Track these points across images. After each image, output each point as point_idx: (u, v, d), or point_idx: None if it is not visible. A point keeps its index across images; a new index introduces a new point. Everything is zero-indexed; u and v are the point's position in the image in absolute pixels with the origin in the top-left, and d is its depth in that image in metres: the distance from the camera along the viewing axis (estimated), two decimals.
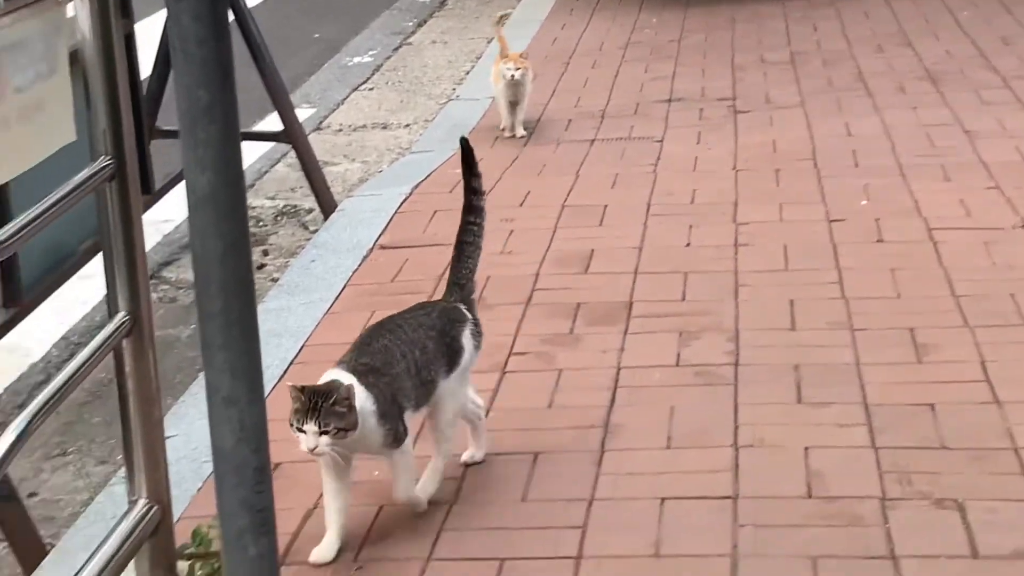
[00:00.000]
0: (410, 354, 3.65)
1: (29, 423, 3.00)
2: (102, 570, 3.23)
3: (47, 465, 4.92)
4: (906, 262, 5.29)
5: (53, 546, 3.95)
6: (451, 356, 3.77)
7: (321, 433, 3.41)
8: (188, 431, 4.39)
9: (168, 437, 3.54)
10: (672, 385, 4.43)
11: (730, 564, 3.43)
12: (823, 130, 7.16)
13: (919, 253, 5.38)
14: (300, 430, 3.42)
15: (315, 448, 3.42)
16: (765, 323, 4.81)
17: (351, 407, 3.42)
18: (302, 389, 3.43)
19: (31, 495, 4.63)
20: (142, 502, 3.42)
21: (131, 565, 3.43)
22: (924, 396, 4.23)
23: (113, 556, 3.27)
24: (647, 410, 4.28)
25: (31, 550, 3.97)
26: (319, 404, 3.40)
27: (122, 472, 3.85)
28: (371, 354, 3.63)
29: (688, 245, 5.63)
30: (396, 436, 3.59)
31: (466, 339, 3.84)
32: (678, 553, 3.49)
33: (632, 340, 4.76)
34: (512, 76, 7.11)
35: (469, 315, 3.89)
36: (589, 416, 4.26)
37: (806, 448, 3.98)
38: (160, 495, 3.45)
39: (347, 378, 3.47)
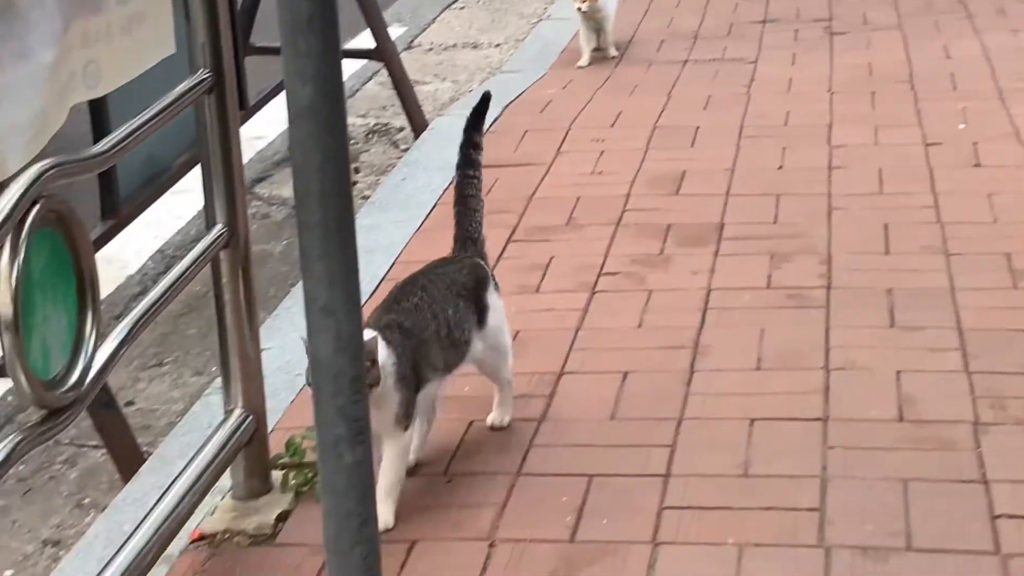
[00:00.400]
0: (442, 314, 3.49)
1: (129, 332, 3.07)
2: (198, 477, 3.30)
3: (144, 375, 5.01)
4: (1003, 187, 5.21)
5: (150, 454, 4.03)
6: (480, 314, 3.61)
7: None
8: (282, 344, 4.45)
9: (263, 350, 3.59)
10: (763, 307, 4.41)
11: (819, 485, 3.43)
12: (921, 52, 7.05)
13: (1017, 178, 5.29)
14: None
15: None
16: (858, 247, 4.77)
17: (374, 362, 3.22)
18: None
19: (128, 404, 4.72)
20: (238, 412, 3.49)
21: (226, 473, 3.51)
22: (1019, 321, 4.19)
23: (209, 464, 3.34)
24: (737, 331, 4.27)
25: (130, 457, 4.07)
26: None
27: (217, 383, 3.92)
28: (400, 312, 3.46)
29: (781, 168, 5.58)
30: (407, 411, 3.37)
31: (492, 296, 3.67)
32: (767, 473, 3.50)
33: (723, 262, 4.74)
34: (579, 8, 7.05)
35: (489, 270, 3.72)
36: (678, 336, 4.26)
37: (898, 372, 3.96)
38: (255, 405, 3.52)
39: (369, 333, 3.21)
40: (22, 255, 2.52)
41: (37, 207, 2.58)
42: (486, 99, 3.80)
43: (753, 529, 3.27)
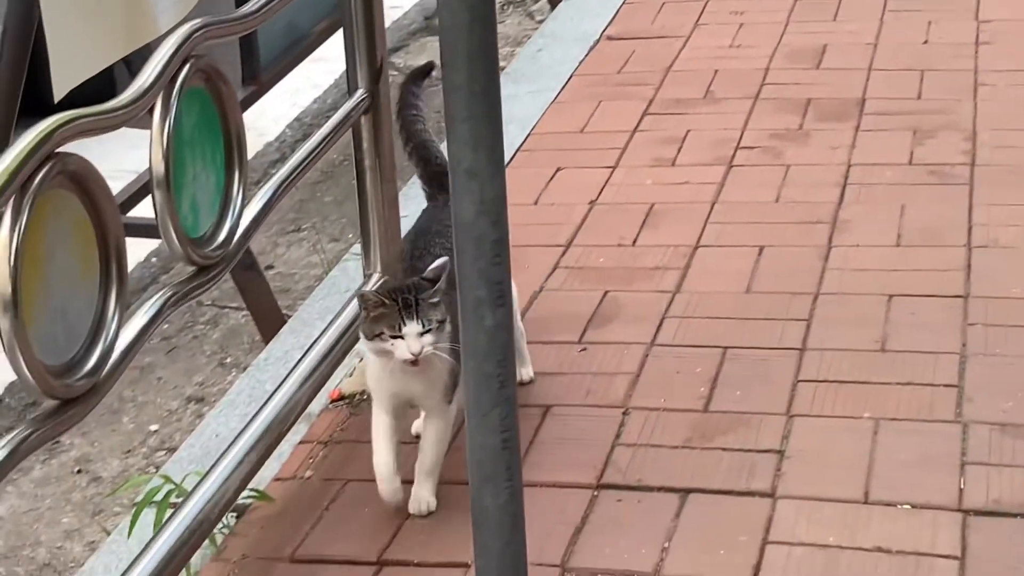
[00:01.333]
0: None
1: (274, 194, 3.12)
2: (338, 339, 3.37)
3: (283, 240, 5.09)
4: None
5: (290, 316, 4.11)
6: None
7: (424, 332, 2.83)
8: (417, 211, 4.48)
9: (402, 217, 3.63)
10: (904, 183, 4.34)
11: (958, 362, 3.40)
12: None
13: None
14: (395, 336, 2.83)
15: (420, 352, 2.82)
16: (1005, 123, 4.66)
17: (440, 300, 2.87)
18: (385, 294, 2.88)
19: (268, 268, 4.81)
20: (376, 276, 3.54)
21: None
22: None
23: (348, 327, 3.40)
24: (877, 207, 4.21)
25: (270, 319, 4.15)
26: (415, 300, 2.84)
27: (355, 249, 3.98)
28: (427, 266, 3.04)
29: (926, 42, 5.44)
30: (455, 380, 2.96)
31: None
32: (904, 349, 3.47)
33: (863, 137, 4.66)
34: None
35: None
36: (816, 212, 4.22)
37: None
38: (393, 270, 3.56)
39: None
40: (173, 113, 2.56)
41: (187, 66, 2.62)
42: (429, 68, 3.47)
43: (889, 404, 3.25)
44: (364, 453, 3.23)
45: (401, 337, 2.82)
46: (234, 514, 3.06)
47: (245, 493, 2.99)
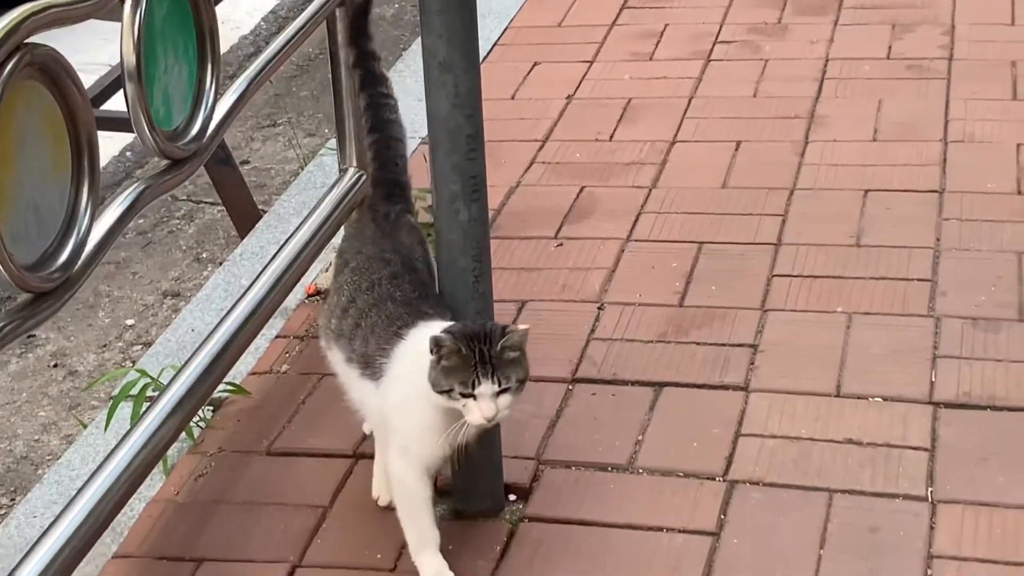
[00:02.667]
0: None
1: (247, 87, 3.08)
2: (314, 234, 3.35)
3: (258, 135, 5.06)
4: None
5: (266, 211, 4.10)
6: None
7: (500, 392, 2.36)
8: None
9: None
10: (882, 78, 4.33)
11: (932, 256, 3.41)
12: None
13: None
14: (467, 395, 2.35)
15: (495, 417, 2.36)
16: (982, 17, 4.64)
17: (523, 352, 2.43)
18: (459, 337, 2.36)
19: (244, 163, 4.79)
20: (352, 170, 3.52)
21: (340, 231, 3.56)
22: None
23: (324, 221, 3.38)
24: (854, 102, 4.21)
25: (246, 214, 4.14)
26: (489, 353, 2.35)
27: (330, 144, 3.96)
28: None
29: None
30: None
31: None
32: (879, 244, 3.48)
33: (842, 31, 4.64)
34: None
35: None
36: (794, 106, 4.21)
37: (1018, 144, 3.89)
38: (369, 164, 3.54)
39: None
40: (144, 5, 2.53)
41: None
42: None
43: (863, 298, 3.27)
44: None
45: (474, 397, 2.34)
46: (210, 408, 3.08)
47: (221, 387, 3.00)
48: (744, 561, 2.53)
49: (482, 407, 2.33)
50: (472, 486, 2.70)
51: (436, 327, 2.40)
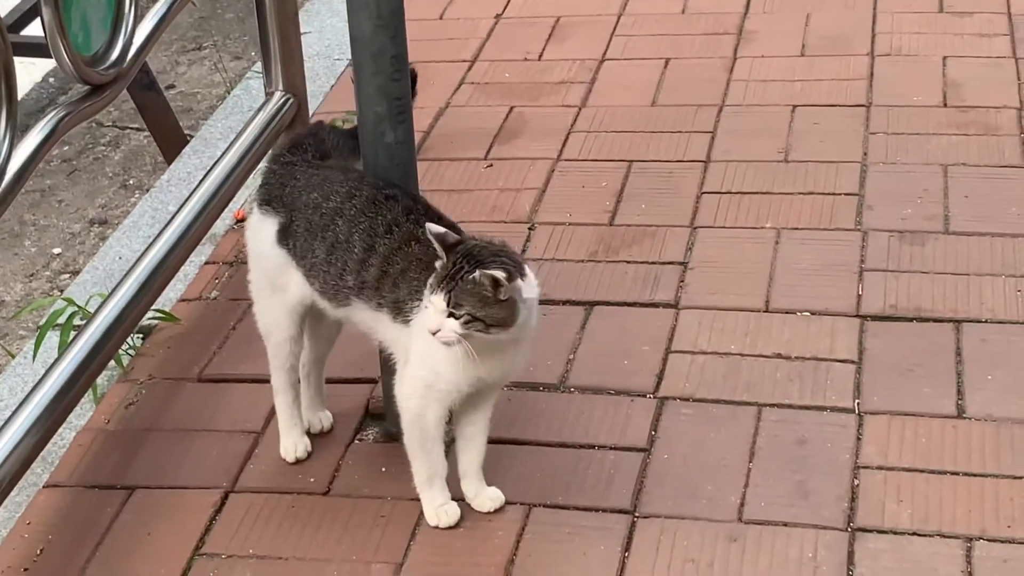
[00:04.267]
0: None
1: (168, 10, 3.05)
2: (241, 158, 3.32)
3: (183, 59, 4.99)
4: None
5: (192, 136, 4.06)
6: None
7: (450, 315, 2.28)
8: (321, 28, 4.42)
9: (303, 33, 3.56)
10: None
11: (859, 170, 3.44)
12: None
13: None
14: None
15: (436, 333, 2.29)
16: None
17: (506, 300, 2.30)
18: (454, 247, 2.31)
19: (169, 88, 4.72)
20: (278, 94, 3.49)
21: (267, 156, 3.53)
22: None
23: (252, 145, 3.36)
24: (782, 17, 4.21)
25: (172, 139, 4.09)
26: (459, 274, 2.29)
27: (257, 67, 3.91)
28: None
29: None
30: None
31: None
32: (807, 159, 3.50)
33: None
34: None
35: None
36: (722, 22, 4.20)
37: (944, 57, 3.91)
38: (296, 87, 3.51)
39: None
40: None
41: None
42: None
43: (792, 213, 3.29)
44: None
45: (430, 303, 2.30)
46: (140, 335, 3.06)
47: (150, 314, 2.98)
48: (675, 476, 2.56)
49: (428, 316, 2.28)
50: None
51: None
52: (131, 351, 3.01)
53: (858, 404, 2.70)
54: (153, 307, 2.96)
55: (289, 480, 2.62)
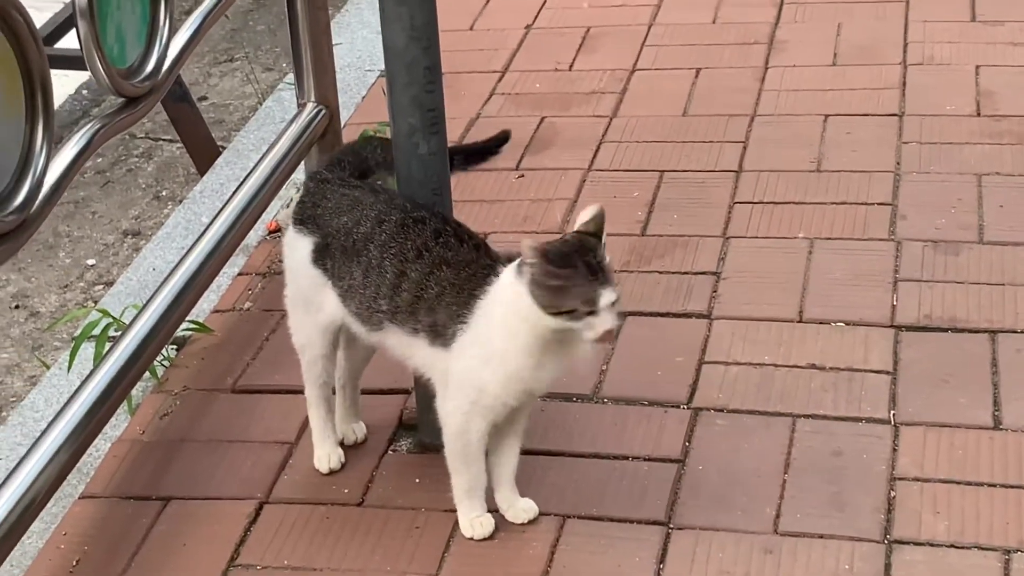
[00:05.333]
0: None
1: (202, 23, 3.06)
2: (274, 170, 3.34)
3: (215, 71, 5.02)
4: None
5: (225, 148, 4.07)
6: None
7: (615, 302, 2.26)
8: (352, 40, 4.43)
9: (335, 44, 3.57)
10: (841, 2, 4.32)
11: (892, 180, 3.42)
12: None
13: None
14: (591, 312, 2.23)
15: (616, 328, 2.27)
16: None
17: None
18: (564, 254, 2.25)
19: (201, 99, 4.74)
20: (311, 105, 3.50)
21: (301, 167, 3.54)
22: None
23: (284, 156, 3.37)
24: (813, 27, 4.20)
25: (205, 151, 4.11)
26: (597, 263, 2.26)
27: (289, 78, 3.92)
28: None
29: None
30: None
31: None
32: (839, 168, 3.49)
33: None
34: None
35: None
36: (753, 32, 4.19)
37: (977, 67, 3.90)
38: (328, 98, 3.52)
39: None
40: None
41: None
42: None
43: (824, 223, 3.28)
44: None
45: (596, 312, 2.22)
46: (174, 347, 3.07)
47: (184, 325, 2.99)
48: (709, 487, 2.55)
49: (607, 320, 2.21)
50: (437, 420, 2.70)
51: (510, 272, 2.29)
52: (165, 362, 3.02)
53: (893, 415, 2.69)
54: (187, 318, 2.97)
55: (323, 491, 2.62)
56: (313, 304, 2.55)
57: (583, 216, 2.33)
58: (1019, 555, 2.35)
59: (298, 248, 2.55)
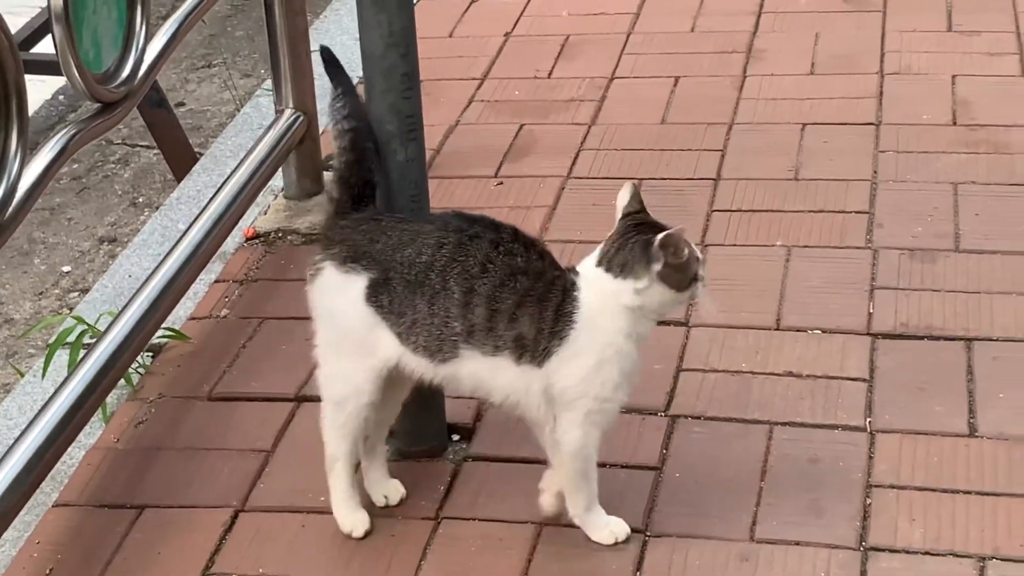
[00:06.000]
0: None
1: (178, 28, 3.06)
2: (251, 177, 3.33)
3: (193, 77, 5.01)
4: None
5: (202, 154, 4.06)
6: None
7: None
8: (331, 46, 4.39)
9: (312, 51, 3.57)
10: (818, 11, 4.33)
11: (869, 188, 3.43)
12: None
13: None
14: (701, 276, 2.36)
15: None
16: None
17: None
18: (675, 233, 2.33)
19: (179, 105, 4.73)
20: (288, 112, 3.50)
21: (278, 173, 3.54)
22: None
23: (261, 163, 3.36)
24: (792, 36, 4.21)
25: (182, 157, 4.10)
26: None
27: (267, 85, 3.92)
28: None
29: None
30: None
31: None
32: (817, 177, 3.50)
33: None
34: None
35: None
36: (732, 41, 4.20)
37: (953, 76, 3.91)
38: (306, 105, 3.52)
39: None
40: None
41: None
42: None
43: (802, 231, 3.28)
44: (280, 290, 3.23)
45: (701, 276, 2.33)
46: (149, 354, 3.05)
47: (160, 332, 2.98)
48: (687, 494, 2.55)
49: (705, 273, 2.33)
50: (416, 427, 2.70)
51: (590, 277, 2.33)
52: (141, 370, 3.01)
53: (870, 422, 2.69)
54: (163, 325, 2.96)
55: (300, 499, 2.61)
56: (365, 347, 2.41)
57: (622, 198, 2.44)
58: (994, 562, 2.36)
59: (347, 289, 2.40)
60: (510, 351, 2.32)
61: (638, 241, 2.33)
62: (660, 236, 2.28)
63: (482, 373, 2.36)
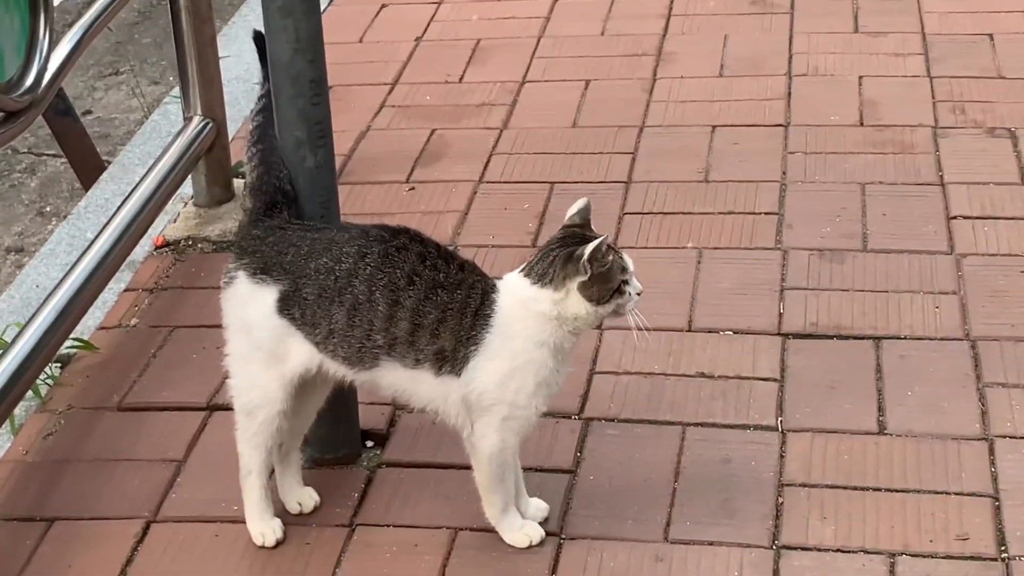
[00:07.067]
0: None
1: (83, 36, 3.03)
2: (160, 184, 3.30)
3: (100, 84, 4.95)
4: None
5: (110, 163, 4.02)
6: None
7: None
8: (239, 52, 4.39)
9: (221, 58, 3.54)
10: (727, 13, 4.37)
11: (779, 190, 3.47)
12: None
13: None
14: (626, 281, 2.36)
15: None
16: None
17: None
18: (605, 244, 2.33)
19: (86, 113, 4.68)
20: (197, 119, 3.47)
21: (188, 181, 3.51)
22: (983, 26, 4.18)
23: (171, 171, 3.34)
24: (700, 39, 4.24)
25: (89, 165, 4.05)
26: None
27: (175, 92, 3.88)
28: None
29: None
30: None
31: None
32: (727, 179, 3.52)
33: None
34: None
35: None
36: (641, 44, 4.23)
37: (860, 77, 3.96)
38: (215, 112, 3.49)
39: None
40: None
41: None
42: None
43: (712, 233, 3.31)
44: (191, 299, 3.21)
45: (628, 281, 2.35)
46: (58, 365, 3.01)
47: (69, 343, 2.94)
48: (601, 497, 2.56)
49: (635, 283, 2.35)
50: (330, 434, 2.69)
51: (510, 283, 2.33)
52: (49, 381, 2.97)
53: (781, 422, 2.72)
54: (71, 336, 2.92)
55: (212, 509, 2.59)
56: (276, 356, 2.39)
57: (570, 211, 2.40)
58: (904, 558, 2.39)
59: (256, 299, 2.38)
60: (431, 363, 2.33)
61: (561, 253, 2.32)
62: (588, 250, 2.27)
63: (402, 383, 2.37)
